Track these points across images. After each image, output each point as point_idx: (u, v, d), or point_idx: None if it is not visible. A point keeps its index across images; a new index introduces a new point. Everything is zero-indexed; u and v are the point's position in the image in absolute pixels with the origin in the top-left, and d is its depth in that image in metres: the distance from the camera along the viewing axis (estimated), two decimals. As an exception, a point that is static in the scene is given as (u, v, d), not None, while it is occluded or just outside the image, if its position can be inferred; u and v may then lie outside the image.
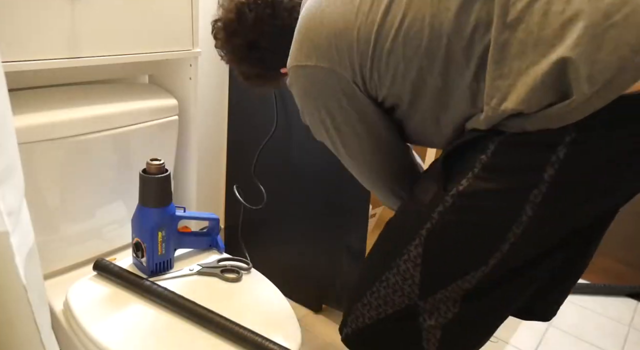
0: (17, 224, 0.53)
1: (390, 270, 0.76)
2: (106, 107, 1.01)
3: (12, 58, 0.83)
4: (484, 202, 0.66)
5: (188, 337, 0.86)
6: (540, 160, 0.61)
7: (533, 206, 0.63)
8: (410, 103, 0.72)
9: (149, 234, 0.99)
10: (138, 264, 1.04)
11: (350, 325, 0.84)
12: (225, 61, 0.92)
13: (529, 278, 0.74)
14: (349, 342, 0.86)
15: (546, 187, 0.61)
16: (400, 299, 0.76)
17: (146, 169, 0.98)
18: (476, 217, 0.67)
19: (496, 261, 0.68)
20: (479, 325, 0.78)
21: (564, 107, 0.56)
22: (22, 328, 0.57)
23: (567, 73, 0.55)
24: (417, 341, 0.77)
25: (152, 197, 0.98)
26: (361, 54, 0.70)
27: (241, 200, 1.52)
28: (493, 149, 0.64)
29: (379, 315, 0.79)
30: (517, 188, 0.63)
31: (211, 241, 1.14)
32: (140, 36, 1.00)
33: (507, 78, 0.59)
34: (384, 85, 0.72)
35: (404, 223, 0.77)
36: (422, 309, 0.75)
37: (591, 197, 0.64)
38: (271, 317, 0.93)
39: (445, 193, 0.69)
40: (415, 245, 0.72)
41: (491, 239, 0.67)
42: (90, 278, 0.99)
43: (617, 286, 1.88)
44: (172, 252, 1.05)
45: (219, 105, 1.56)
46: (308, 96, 0.78)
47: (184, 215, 1.06)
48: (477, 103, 0.65)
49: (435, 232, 0.70)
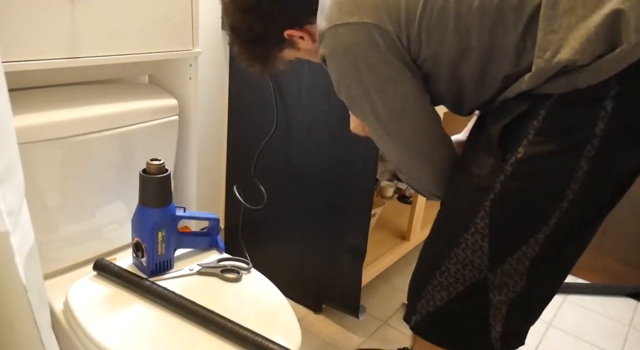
0: (17, 224, 0.53)
1: (459, 246, 0.79)
2: (106, 107, 1.01)
3: (12, 58, 0.83)
4: (542, 165, 0.70)
5: (188, 337, 0.86)
6: (590, 116, 0.66)
7: (587, 161, 0.68)
8: (451, 64, 0.74)
9: (149, 234, 0.99)
10: (138, 264, 1.04)
11: (420, 310, 0.86)
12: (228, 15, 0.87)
13: (583, 239, 0.78)
14: (420, 329, 0.88)
15: (598, 141, 0.66)
16: (471, 274, 0.79)
17: (146, 169, 0.98)
18: (537, 180, 0.71)
19: (556, 221, 0.73)
20: (542, 296, 0.83)
21: (614, 57, 0.62)
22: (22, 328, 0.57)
23: (619, 24, 0.61)
24: (484, 317, 0.81)
25: (152, 197, 0.98)
26: (409, 10, 0.72)
27: (241, 200, 1.52)
28: (544, 114, 0.68)
29: (449, 294, 0.82)
30: (572, 146, 0.68)
31: (211, 241, 1.14)
32: (140, 36, 1.00)
33: (557, 33, 0.64)
34: (430, 43, 0.73)
35: (464, 199, 0.80)
36: (491, 283, 0.79)
37: (636, 147, 0.69)
38: (271, 317, 0.93)
39: (504, 163, 0.72)
40: (481, 216, 0.76)
41: (552, 198, 0.71)
42: (90, 278, 0.99)
43: (617, 286, 1.88)
44: (172, 252, 1.05)
45: (219, 105, 1.56)
46: (349, 55, 0.75)
47: (184, 215, 1.06)
48: (520, 62, 0.69)
49: (499, 201, 0.74)
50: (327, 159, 1.35)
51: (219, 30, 1.44)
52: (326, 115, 1.30)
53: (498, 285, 0.79)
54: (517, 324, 0.84)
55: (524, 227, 0.75)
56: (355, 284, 1.40)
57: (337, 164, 1.33)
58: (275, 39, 0.84)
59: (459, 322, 0.84)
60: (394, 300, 1.70)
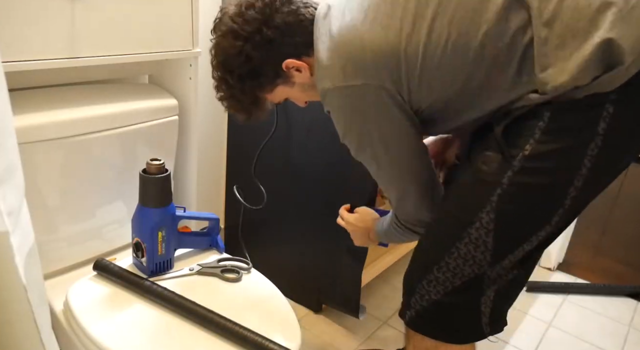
0: (17, 224, 0.53)
1: (461, 240, 0.80)
2: (106, 107, 1.01)
3: (12, 58, 0.83)
4: (549, 162, 0.73)
5: (188, 337, 0.86)
6: (593, 117, 0.70)
7: (591, 158, 0.72)
8: (451, 107, 0.80)
9: (149, 234, 0.99)
10: (138, 264, 1.04)
11: (414, 306, 0.88)
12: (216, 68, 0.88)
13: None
14: (414, 324, 0.90)
15: (600, 140, 0.71)
16: (471, 269, 0.81)
17: (146, 169, 0.98)
18: (543, 177, 0.74)
19: (559, 218, 0.76)
20: (525, 279, 0.87)
21: (609, 78, 0.68)
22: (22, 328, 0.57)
23: (611, 50, 0.67)
24: (477, 307, 0.84)
25: (152, 197, 0.98)
26: (408, 64, 0.76)
27: (241, 200, 1.52)
28: (549, 115, 0.72)
29: (445, 289, 0.84)
30: (577, 145, 0.72)
31: (211, 241, 1.14)
32: (140, 36, 1.00)
33: (554, 66, 0.70)
34: (430, 95, 0.78)
35: (469, 194, 0.81)
36: (487, 277, 0.81)
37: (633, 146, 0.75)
38: (271, 317, 0.93)
39: (512, 159, 0.75)
40: (487, 211, 0.77)
41: (557, 195, 0.75)
42: (90, 278, 0.99)
43: (617, 286, 1.88)
44: (172, 252, 1.05)
45: (219, 105, 1.55)
46: (355, 113, 0.81)
47: (184, 215, 1.06)
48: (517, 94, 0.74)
49: (507, 196, 0.76)
50: (327, 159, 1.35)
51: (219, 30, 1.44)
52: (326, 115, 1.30)
53: (493, 278, 0.82)
54: (502, 308, 0.88)
55: (530, 223, 0.78)
56: (355, 284, 1.40)
57: (337, 164, 1.33)
58: (272, 72, 0.84)
59: (453, 315, 0.86)
60: (394, 300, 1.70)
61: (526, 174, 0.74)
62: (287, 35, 0.82)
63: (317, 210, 1.42)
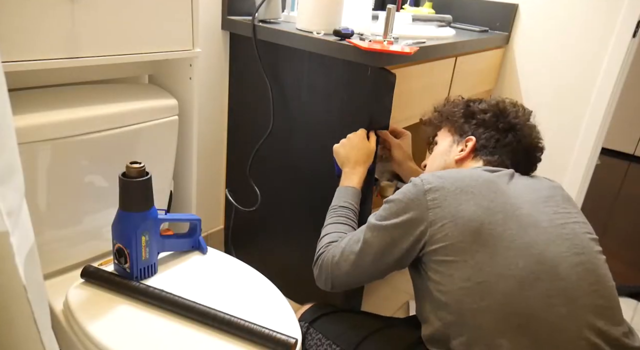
0: (17, 224, 0.53)
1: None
2: (106, 107, 1.01)
3: (12, 58, 0.83)
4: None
5: (188, 336, 0.86)
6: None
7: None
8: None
9: (133, 240, 0.96)
10: (120, 271, 1.00)
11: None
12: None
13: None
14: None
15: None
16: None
17: (126, 173, 0.94)
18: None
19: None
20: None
21: None
22: (22, 328, 0.57)
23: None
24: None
25: (135, 201, 0.95)
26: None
27: (233, 202, 1.53)
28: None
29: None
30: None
31: (193, 242, 1.13)
32: (140, 36, 1.00)
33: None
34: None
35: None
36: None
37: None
38: (271, 317, 0.93)
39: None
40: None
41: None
42: (90, 278, 0.99)
43: (617, 286, 1.87)
44: (155, 256, 1.03)
45: (219, 105, 1.56)
46: (399, 207, 0.86)
47: (165, 217, 1.03)
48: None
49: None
50: (327, 159, 1.35)
51: (219, 30, 1.44)
52: (326, 115, 1.30)
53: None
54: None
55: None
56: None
57: (336, 164, 1.33)
58: (461, 131, 1.05)
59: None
60: (394, 300, 1.70)
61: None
62: (493, 129, 1.03)
63: (318, 211, 1.42)
